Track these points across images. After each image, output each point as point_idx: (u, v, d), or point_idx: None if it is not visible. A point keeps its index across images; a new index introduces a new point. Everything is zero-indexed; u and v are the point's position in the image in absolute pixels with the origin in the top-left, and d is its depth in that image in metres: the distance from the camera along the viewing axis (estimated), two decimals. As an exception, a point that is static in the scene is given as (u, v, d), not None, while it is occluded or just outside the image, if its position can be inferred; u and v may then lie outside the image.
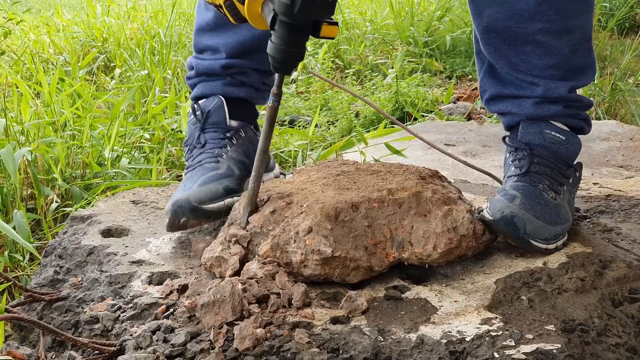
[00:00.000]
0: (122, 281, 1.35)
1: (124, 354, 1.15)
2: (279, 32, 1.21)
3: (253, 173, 1.33)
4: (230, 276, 1.27)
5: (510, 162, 1.48)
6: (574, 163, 1.50)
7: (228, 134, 1.58)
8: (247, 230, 1.32)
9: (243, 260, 1.31)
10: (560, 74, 1.49)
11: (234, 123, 1.61)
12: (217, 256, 1.31)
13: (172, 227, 1.44)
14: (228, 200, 1.43)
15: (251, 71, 1.64)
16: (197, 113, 1.61)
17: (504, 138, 1.56)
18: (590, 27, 1.52)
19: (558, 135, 1.47)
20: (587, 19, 1.49)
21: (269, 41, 1.23)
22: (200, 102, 1.63)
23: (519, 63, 1.49)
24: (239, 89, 1.64)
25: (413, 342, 1.12)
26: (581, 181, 1.78)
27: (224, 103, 1.60)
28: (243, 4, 1.27)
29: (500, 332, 1.13)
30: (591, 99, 1.58)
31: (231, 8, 1.28)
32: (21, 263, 1.75)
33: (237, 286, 1.20)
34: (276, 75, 1.28)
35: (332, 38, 1.25)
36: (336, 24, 1.22)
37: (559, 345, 1.10)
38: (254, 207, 1.34)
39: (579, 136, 1.53)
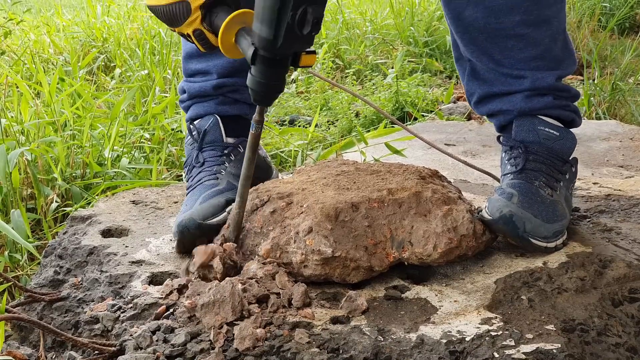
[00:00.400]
0: (122, 281, 1.35)
1: (124, 354, 1.15)
2: (259, 67, 1.20)
3: (237, 199, 1.32)
4: (220, 278, 1.27)
5: (506, 161, 1.49)
6: (570, 158, 1.50)
7: (225, 151, 1.58)
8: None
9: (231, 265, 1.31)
10: (545, 64, 1.49)
11: (230, 140, 1.60)
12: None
13: (182, 248, 1.43)
14: (229, 210, 1.42)
15: (243, 88, 1.62)
16: (194, 133, 1.61)
17: (498, 137, 1.57)
18: (564, 17, 1.52)
19: (552, 131, 1.47)
20: (561, 8, 1.51)
21: (249, 73, 1.22)
22: (195, 122, 1.63)
23: (502, 59, 1.50)
24: (232, 106, 1.64)
25: (413, 342, 1.12)
26: (581, 181, 1.78)
27: (219, 121, 1.60)
28: (213, 33, 1.27)
29: (500, 332, 1.13)
30: (579, 90, 1.58)
31: (200, 37, 1.29)
32: (21, 263, 1.75)
33: (237, 286, 1.20)
34: (257, 106, 1.28)
35: (310, 66, 1.24)
36: (314, 52, 1.21)
37: (559, 345, 1.10)
38: (239, 233, 1.35)
39: (573, 130, 1.53)
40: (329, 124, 3.05)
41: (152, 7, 1.33)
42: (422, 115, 3.16)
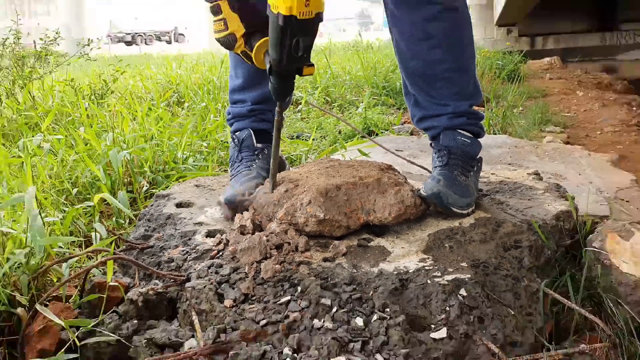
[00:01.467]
0: (189, 235, 1.34)
1: (190, 282, 1.15)
2: (273, 78, 1.19)
3: (271, 160, 1.34)
4: (251, 233, 1.26)
5: (436, 159, 1.47)
6: (477, 157, 1.49)
7: (256, 152, 1.56)
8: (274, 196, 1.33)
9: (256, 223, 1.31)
10: (462, 97, 1.48)
11: (259, 145, 1.58)
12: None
13: (228, 214, 1.41)
14: (258, 190, 1.40)
15: (268, 112, 1.61)
16: (235, 141, 1.59)
17: (431, 144, 1.56)
18: (475, 67, 1.50)
19: (466, 140, 1.46)
20: (474, 61, 1.49)
21: (269, 81, 1.21)
22: (236, 133, 1.61)
23: (434, 94, 1.48)
24: (260, 123, 1.61)
25: (375, 273, 1.12)
26: (484, 172, 1.77)
27: (252, 133, 1.58)
28: (252, 52, 1.25)
29: (431, 267, 1.13)
30: (483, 113, 1.56)
31: (245, 55, 1.27)
32: (124, 225, 1.74)
33: (262, 238, 1.19)
34: (277, 103, 1.26)
35: (312, 74, 1.21)
36: (313, 65, 1.18)
37: (469, 276, 1.10)
38: (274, 182, 1.34)
39: (480, 140, 1.52)
40: (322, 138, 3.04)
41: (216, 39, 1.29)
42: (382, 132, 3.16)
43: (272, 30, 1.11)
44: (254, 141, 1.58)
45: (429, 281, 1.08)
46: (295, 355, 0.95)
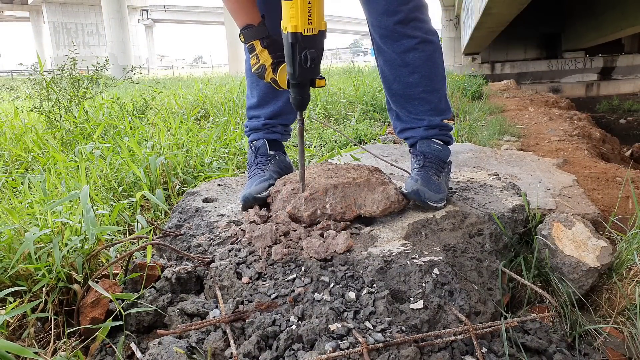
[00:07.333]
0: (213, 225, 1.34)
1: (214, 262, 1.15)
2: (291, 90, 1.18)
3: (299, 165, 1.29)
4: (263, 223, 1.25)
5: (414, 162, 1.47)
6: (448, 161, 1.48)
7: (269, 158, 1.55)
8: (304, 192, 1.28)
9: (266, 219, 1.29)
10: (435, 113, 1.47)
11: (271, 152, 1.57)
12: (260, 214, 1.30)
13: (244, 208, 1.41)
14: (270, 189, 1.40)
15: (278, 125, 1.61)
16: (252, 148, 1.58)
17: (409, 150, 1.55)
18: (445, 88, 1.49)
19: (438, 146, 1.45)
20: (444, 83, 1.48)
21: (290, 93, 1.20)
22: (253, 142, 1.60)
23: (412, 110, 1.47)
24: (272, 134, 1.60)
25: (365, 255, 1.12)
26: (453, 173, 1.77)
27: (266, 143, 1.57)
28: (278, 79, 1.25)
29: (410, 251, 1.13)
30: (452, 125, 1.55)
31: (274, 82, 1.27)
32: (160, 216, 1.73)
33: (273, 227, 1.19)
34: (297, 112, 1.25)
35: (324, 86, 1.19)
36: (324, 78, 1.18)
37: (441, 258, 1.10)
38: (304, 182, 1.30)
39: (449, 147, 1.51)
40: (321, 146, 3.04)
41: (253, 72, 1.29)
42: (370, 141, 3.15)
43: (285, 48, 1.11)
44: (268, 149, 1.57)
45: (408, 262, 1.08)
46: (300, 322, 0.95)
